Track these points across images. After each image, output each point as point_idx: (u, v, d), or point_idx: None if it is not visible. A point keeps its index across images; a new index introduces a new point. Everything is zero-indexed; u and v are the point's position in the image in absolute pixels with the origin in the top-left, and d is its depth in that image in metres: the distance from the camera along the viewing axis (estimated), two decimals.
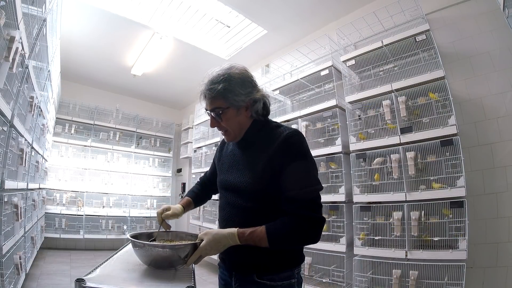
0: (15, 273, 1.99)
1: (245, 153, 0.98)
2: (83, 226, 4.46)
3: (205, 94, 0.92)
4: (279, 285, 0.87)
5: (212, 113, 0.94)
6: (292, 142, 0.87)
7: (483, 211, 1.90)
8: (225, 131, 0.97)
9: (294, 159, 0.85)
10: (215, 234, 0.83)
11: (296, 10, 3.10)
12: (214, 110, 0.92)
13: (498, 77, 1.97)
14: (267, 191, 0.87)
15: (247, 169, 0.92)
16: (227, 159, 1.04)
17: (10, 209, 1.88)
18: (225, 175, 1.00)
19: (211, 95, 0.90)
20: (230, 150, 1.05)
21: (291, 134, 0.89)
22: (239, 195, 0.92)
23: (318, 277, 2.40)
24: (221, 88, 0.89)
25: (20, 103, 1.84)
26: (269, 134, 0.94)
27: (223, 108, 0.91)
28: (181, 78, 4.86)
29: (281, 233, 0.81)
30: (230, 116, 0.93)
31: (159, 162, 5.65)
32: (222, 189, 1.01)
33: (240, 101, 0.92)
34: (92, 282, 0.68)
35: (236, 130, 0.96)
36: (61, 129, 4.61)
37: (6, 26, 1.35)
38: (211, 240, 0.82)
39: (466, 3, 2.18)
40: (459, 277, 1.68)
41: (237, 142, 1.01)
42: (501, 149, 1.91)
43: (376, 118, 2.29)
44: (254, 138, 0.96)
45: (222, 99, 0.90)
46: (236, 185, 0.93)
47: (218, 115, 0.92)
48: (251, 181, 0.89)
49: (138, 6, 3.08)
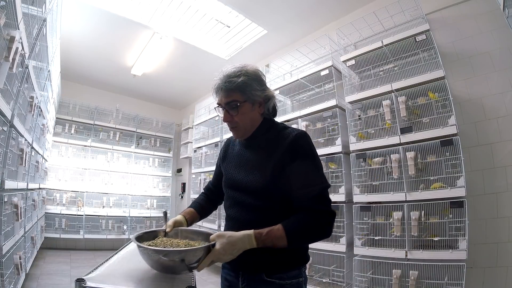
0: (15, 273, 1.99)
1: (252, 153, 0.99)
2: (83, 226, 4.46)
3: (222, 87, 0.93)
4: (288, 283, 0.87)
5: (227, 107, 0.94)
6: (301, 144, 0.90)
7: (483, 211, 1.90)
8: (235, 126, 0.96)
9: (304, 159, 0.88)
10: (230, 237, 0.78)
11: (296, 10, 3.10)
12: (230, 103, 0.93)
13: (498, 77, 1.97)
14: (276, 189, 0.88)
15: (256, 169, 0.93)
16: (234, 159, 1.04)
17: (10, 209, 1.88)
18: (233, 174, 0.99)
19: (230, 87, 0.92)
20: (236, 151, 1.05)
21: (300, 136, 0.91)
22: (248, 193, 0.92)
23: (318, 277, 2.40)
24: (240, 81, 0.91)
25: (20, 103, 1.84)
26: (276, 135, 0.96)
27: (240, 101, 0.92)
28: (181, 78, 4.87)
29: (299, 230, 0.81)
30: (246, 110, 0.94)
31: (159, 162, 5.65)
32: (229, 188, 1.00)
33: (257, 96, 0.95)
34: (92, 282, 0.68)
35: (247, 126, 0.97)
36: (61, 129, 4.61)
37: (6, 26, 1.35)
38: (225, 244, 0.77)
39: (466, 3, 2.18)
40: (459, 277, 1.68)
41: (244, 143, 1.02)
42: (501, 149, 1.91)
43: (376, 118, 2.29)
44: (262, 139, 0.98)
45: (239, 92, 0.92)
46: (245, 184, 0.93)
47: (235, 108, 0.93)
48: (261, 180, 0.89)
49: (138, 6, 3.08)
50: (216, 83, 0.95)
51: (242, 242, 0.78)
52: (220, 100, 0.95)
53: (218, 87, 0.94)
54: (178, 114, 6.44)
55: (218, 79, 0.95)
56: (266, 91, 0.98)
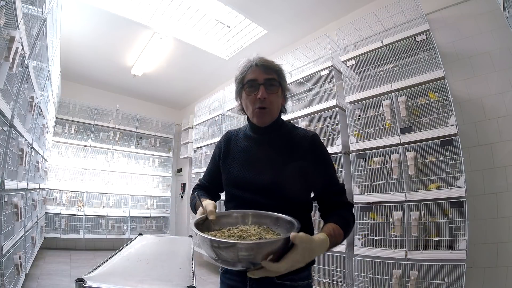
0: (15, 273, 1.99)
1: (262, 150, 0.94)
2: (83, 226, 4.45)
3: (261, 64, 0.90)
4: (299, 285, 0.85)
5: (266, 83, 0.90)
6: (319, 143, 0.93)
7: (483, 211, 1.90)
8: (266, 107, 0.91)
9: (326, 158, 0.92)
10: (311, 242, 0.66)
11: (296, 10, 3.10)
12: (271, 80, 0.90)
13: (498, 77, 1.97)
14: (291, 188, 0.86)
15: (268, 167, 0.89)
16: (240, 156, 0.96)
17: (10, 209, 1.88)
18: (241, 172, 0.93)
19: (269, 66, 0.91)
20: (242, 147, 0.98)
21: (316, 136, 0.94)
22: (260, 193, 0.87)
23: (318, 277, 2.40)
24: (278, 66, 0.93)
25: (20, 103, 1.84)
26: (290, 134, 0.96)
27: (278, 82, 0.92)
28: (181, 78, 4.86)
29: (350, 226, 0.84)
30: (279, 94, 0.94)
31: (159, 162, 5.65)
32: (235, 187, 0.93)
33: (285, 87, 0.96)
34: (92, 282, 0.68)
35: (274, 112, 0.94)
36: (61, 129, 4.61)
37: (6, 26, 1.35)
38: (306, 250, 0.63)
39: (466, 3, 2.18)
40: (459, 277, 1.68)
41: (254, 138, 0.98)
42: (501, 149, 1.91)
43: (376, 118, 2.29)
44: (275, 135, 0.96)
45: (276, 75, 0.92)
46: (256, 183, 0.88)
47: (274, 86, 0.91)
48: (276, 178, 0.86)
49: (138, 6, 3.08)
50: (251, 62, 0.91)
51: (320, 249, 0.69)
52: (257, 76, 0.90)
53: (256, 63, 0.90)
54: (178, 114, 6.44)
55: (254, 58, 0.91)
56: (288, 87, 0.99)
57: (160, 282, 0.75)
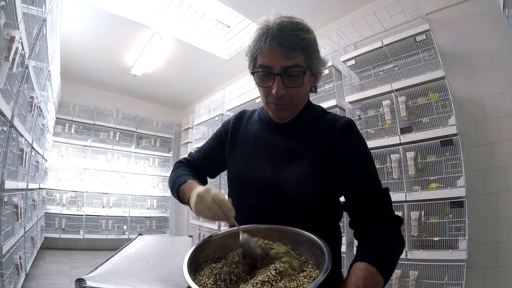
0: (15, 273, 1.99)
1: (280, 139, 0.72)
2: (83, 226, 4.45)
3: (281, 38, 0.61)
4: None
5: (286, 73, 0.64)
6: (356, 131, 0.70)
7: (483, 211, 1.90)
8: (285, 103, 0.68)
9: (364, 152, 0.69)
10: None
11: (296, 10, 3.08)
12: (293, 68, 0.64)
13: (498, 77, 1.97)
14: (315, 192, 0.67)
15: (286, 162, 0.69)
16: (247, 144, 0.77)
17: (10, 209, 1.88)
18: (249, 166, 0.73)
19: (294, 43, 0.62)
20: (252, 132, 0.78)
21: (351, 122, 0.70)
22: (272, 196, 0.69)
23: None
24: (310, 38, 0.64)
25: (20, 103, 1.84)
26: (314, 119, 0.73)
27: (304, 68, 0.65)
28: (181, 78, 4.86)
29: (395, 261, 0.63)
30: (306, 82, 0.68)
31: (159, 162, 5.65)
32: (242, 185, 0.75)
33: (319, 66, 0.69)
34: (92, 282, 0.68)
35: (299, 104, 0.71)
36: (61, 129, 4.61)
37: (6, 26, 1.35)
38: None
39: (466, 3, 2.18)
40: (459, 277, 1.68)
41: (267, 122, 0.76)
42: (501, 149, 1.91)
43: (376, 118, 2.29)
44: (299, 121, 0.73)
45: (302, 56, 0.64)
46: (269, 182, 0.69)
47: (298, 77, 0.64)
48: (297, 178, 0.67)
49: (138, 6, 3.08)
50: (267, 31, 0.63)
51: None
52: (272, 61, 0.63)
53: (272, 37, 0.62)
54: (178, 114, 6.44)
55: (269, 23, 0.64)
56: (323, 60, 0.70)
57: (160, 282, 0.75)
